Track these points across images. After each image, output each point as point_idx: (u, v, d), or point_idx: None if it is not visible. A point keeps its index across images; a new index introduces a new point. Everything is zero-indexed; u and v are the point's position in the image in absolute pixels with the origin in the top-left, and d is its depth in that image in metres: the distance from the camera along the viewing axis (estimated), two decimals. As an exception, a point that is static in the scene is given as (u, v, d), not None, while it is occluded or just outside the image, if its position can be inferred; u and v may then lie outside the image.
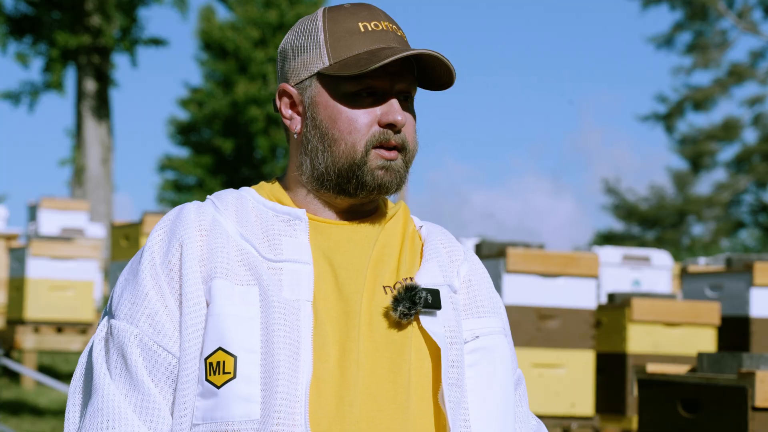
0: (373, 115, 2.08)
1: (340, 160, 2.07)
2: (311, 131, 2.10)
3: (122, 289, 2.06)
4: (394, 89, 2.09)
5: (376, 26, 2.10)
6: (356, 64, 2.05)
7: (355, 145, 2.07)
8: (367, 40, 2.08)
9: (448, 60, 2.07)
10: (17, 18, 21.70)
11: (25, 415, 8.82)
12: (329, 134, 2.08)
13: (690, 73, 33.17)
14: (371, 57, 2.05)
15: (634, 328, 6.07)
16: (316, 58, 2.09)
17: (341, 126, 2.07)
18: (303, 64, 2.11)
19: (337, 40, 2.08)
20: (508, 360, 2.14)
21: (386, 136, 2.07)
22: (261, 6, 30.84)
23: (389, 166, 2.08)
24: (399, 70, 2.08)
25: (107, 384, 1.99)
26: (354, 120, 2.07)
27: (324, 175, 2.09)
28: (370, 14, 2.12)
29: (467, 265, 2.18)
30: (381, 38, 2.09)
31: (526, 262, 5.69)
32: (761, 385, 3.69)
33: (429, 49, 2.06)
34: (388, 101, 2.08)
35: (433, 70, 2.11)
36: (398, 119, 2.07)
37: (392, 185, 2.09)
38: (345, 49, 2.08)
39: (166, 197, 33.58)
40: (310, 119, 2.10)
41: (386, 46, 2.08)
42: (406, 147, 2.10)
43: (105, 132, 21.99)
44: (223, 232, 2.05)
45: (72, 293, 9.68)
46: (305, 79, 2.11)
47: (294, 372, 1.96)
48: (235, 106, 30.79)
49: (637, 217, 33.95)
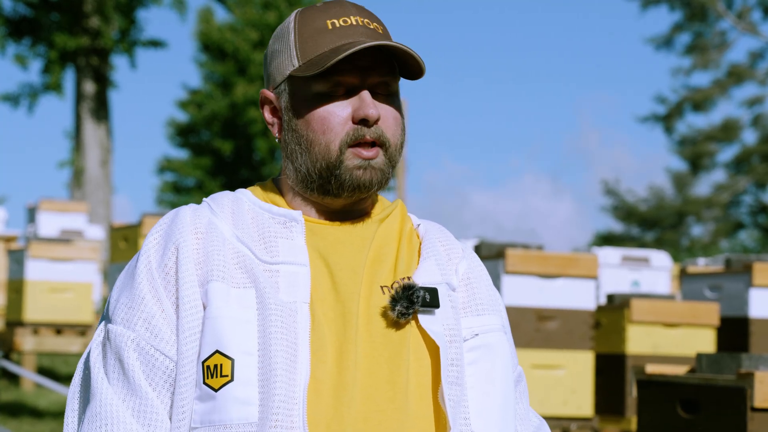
0: (346, 113, 2.04)
1: (318, 161, 2.05)
2: (289, 135, 2.08)
3: (119, 293, 2.05)
4: (366, 83, 2.05)
5: (345, 22, 2.06)
6: (318, 63, 2.02)
7: (329, 145, 2.04)
8: (333, 37, 2.04)
9: (410, 48, 2.02)
10: (16, 20, 21.69)
11: (25, 417, 8.81)
12: (304, 136, 2.06)
13: (689, 73, 33.18)
14: (332, 54, 2.01)
15: (634, 329, 6.07)
16: (288, 61, 2.07)
17: (315, 126, 2.05)
18: (277, 69, 2.10)
19: (305, 41, 2.06)
20: (508, 357, 2.12)
21: (360, 132, 2.03)
22: (260, 7, 30.82)
23: (366, 165, 2.04)
24: (370, 63, 2.04)
25: (105, 389, 1.99)
26: (326, 119, 2.04)
27: (306, 178, 2.07)
28: (340, 10, 2.08)
29: (466, 262, 2.17)
30: (347, 33, 2.05)
31: (525, 263, 5.69)
32: (760, 386, 3.69)
33: (387, 41, 2.01)
34: (358, 95, 2.04)
35: (402, 61, 2.07)
36: (370, 113, 2.02)
37: (373, 183, 2.06)
38: (311, 49, 2.05)
39: (166, 199, 33.56)
40: (286, 123, 2.09)
41: (351, 41, 2.04)
42: (385, 142, 2.05)
43: (104, 134, 21.98)
44: (219, 234, 2.04)
45: (71, 295, 9.68)
46: (280, 84, 2.09)
47: (291, 374, 1.95)
48: (234, 107, 30.78)
49: (636, 218, 33.94)
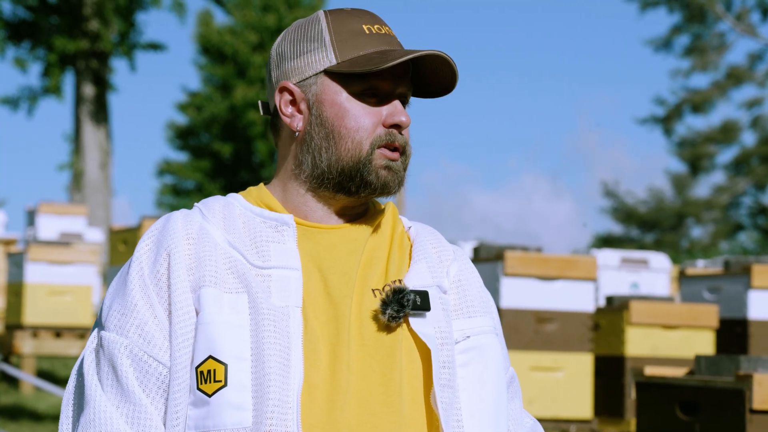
0: (378, 116, 2.09)
1: (345, 157, 2.08)
2: (315, 128, 2.10)
3: (111, 300, 2.06)
4: (396, 92, 2.11)
5: (379, 30, 2.12)
6: (368, 62, 2.06)
7: (362, 143, 2.08)
8: (374, 42, 2.10)
9: (454, 63, 2.08)
10: (15, 23, 21.70)
11: (24, 420, 8.81)
12: (335, 131, 2.09)
13: (688, 75, 33.21)
14: (382, 56, 2.06)
15: (633, 331, 6.07)
16: (323, 57, 2.10)
17: (348, 123, 2.08)
18: (307, 63, 2.11)
19: (344, 40, 2.10)
20: (500, 359, 2.14)
21: (391, 137, 2.09)
22: (259, 10, 30.85)
23: (392, 167, 2.09)
24: (402, 73, 2.10)
25: (99, 395, 2.00)
26: (360, 118, 2.08)
27: (325, 173, 2.09)
28: (372, 18, 2.14)
29: (457, 265, 2.18)
30: (385, 41, 2.11)
31: (524, 265, 5.69)
32: (759, 388, 3.69)
33: (440, 51, 2.07)
34: (392, 102, 2.10)
35: (434, 74, 2.13)
36: (403, 120, 2.09)
37: (394, 185, 2.11)
38: (352, 49, 2.09)
39: (165, 201, 33.59)
40: (315, 116, 2.11)
41: (391, 48, 2.10)
42: (406, 150, 2.12)
43: (103, 136, 21.99)
44: (210, 240, 2.05)
45: (70, 298, 9.68)
46: (309, 77, 2.11)
47: (285, 378, 1.96)
48: (234, 110, 30.80)
49: (635, 220, 33.96)
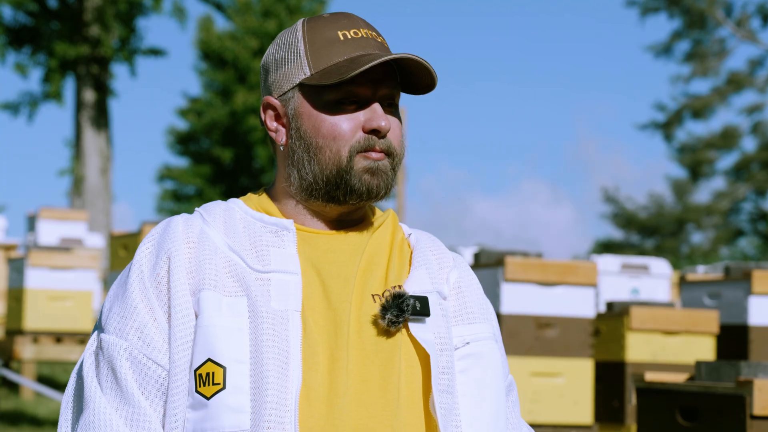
0: (356, 122, 2.08)
1: (327, 167, 2.08)
2: (296, 142, 2.11)
3: (111, 303, 2.07)
4: (377, 95, 2.09)
5: (356, 34, 2.11)
6: (336, 72, 2.05)
7: (340, 151, 2.07)
8: (347, 48, 2.09)
9: (428, 62, 2.07)
10: (16, 29, 21.72)
11: (24, 425, 8.81)
12: (314, 143, 2.08)
13: (688, 81, 33.22)
14: (351, 64, 2.05)
15: (633, 337, 6.06)
16: (298, 69, 2.10)
17: (325, 133, 2.08)
18: (284, 76, 2.12)
19: (317, 50, 2.09)
20: (499, 366, 2.14)
21: (371, 142, 2.08)
22: (260, 16, 30.88)
23: (376, 168, 2.08)
24: (381, 76, 2.09)
25: (98, 398, 2.00)
26: (337, 126, 2.07)
27: (312, 185, 2.09)
28: (350, 22, 2.12)
29: (456, 271, 2.18)
30: (360, 45, 2.10)
31: (525, 270, 5.69)
32: (759, 394, 3.69)
33: (407, 53, 2.06)
34: (370, 107, 2.09)
35: (414, 74, 2.11)
36: (382, 125, 2.07)
37: (380, 189, 2.09)
38: (325, 58, 2.08)
39: (166, 207, 33.60)
40: (294, 130, 2.11)
41: (366, 53, 2.09)
42: (392, 152, 2.10)
43: (104, 142, 22.00)
44: (211, 243, 2.06)
45: (71, 303, 9.68)
46: (288, 91, 2.11)
47: (283, 381, 1.96)
48: (234, 115, 30.82)
49: (636, 226, 33.97)
